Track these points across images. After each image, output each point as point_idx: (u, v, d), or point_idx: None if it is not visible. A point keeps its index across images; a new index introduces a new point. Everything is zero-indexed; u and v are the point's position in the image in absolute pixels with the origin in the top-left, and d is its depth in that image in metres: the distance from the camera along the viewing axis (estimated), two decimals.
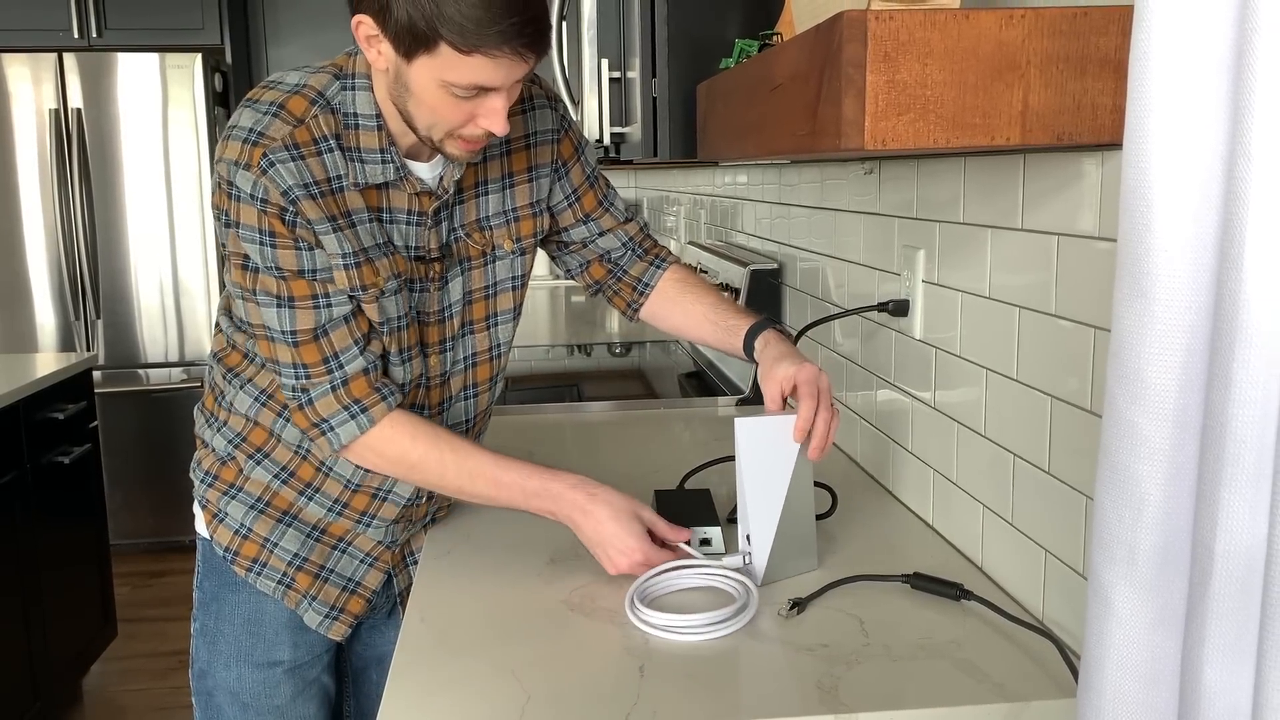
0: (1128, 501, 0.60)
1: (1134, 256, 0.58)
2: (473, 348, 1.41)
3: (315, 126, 1.19)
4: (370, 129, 1.22)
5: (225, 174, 1.18)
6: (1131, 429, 0.59)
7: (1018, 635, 1.13)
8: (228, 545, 1.38)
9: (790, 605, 1.19)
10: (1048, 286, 1.12)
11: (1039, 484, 1.16)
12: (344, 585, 1.42)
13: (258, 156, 1.16)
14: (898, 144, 0.93)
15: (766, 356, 1.33)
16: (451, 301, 1.35)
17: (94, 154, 4.12)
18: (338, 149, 1.20)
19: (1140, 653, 0.60)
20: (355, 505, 1.39)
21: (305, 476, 1.37)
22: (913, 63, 0.92)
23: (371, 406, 1.25)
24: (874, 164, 1.64)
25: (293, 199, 1.17)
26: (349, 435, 1.25)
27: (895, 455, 1.59)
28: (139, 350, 4.25)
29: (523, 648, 1.13)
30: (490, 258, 1.37)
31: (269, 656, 1.41)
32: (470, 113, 1.15)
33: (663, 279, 1.50)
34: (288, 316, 1.22)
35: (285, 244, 1.19)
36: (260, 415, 1.35)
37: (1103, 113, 0.95)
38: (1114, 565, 0.61)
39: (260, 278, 1.21)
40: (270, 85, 1.22)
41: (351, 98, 1.21)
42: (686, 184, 3.45)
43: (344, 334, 1.24)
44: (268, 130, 1.17)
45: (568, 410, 2.23)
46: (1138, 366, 0.59)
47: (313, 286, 1.21)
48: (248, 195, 1.17)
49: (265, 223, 1.18)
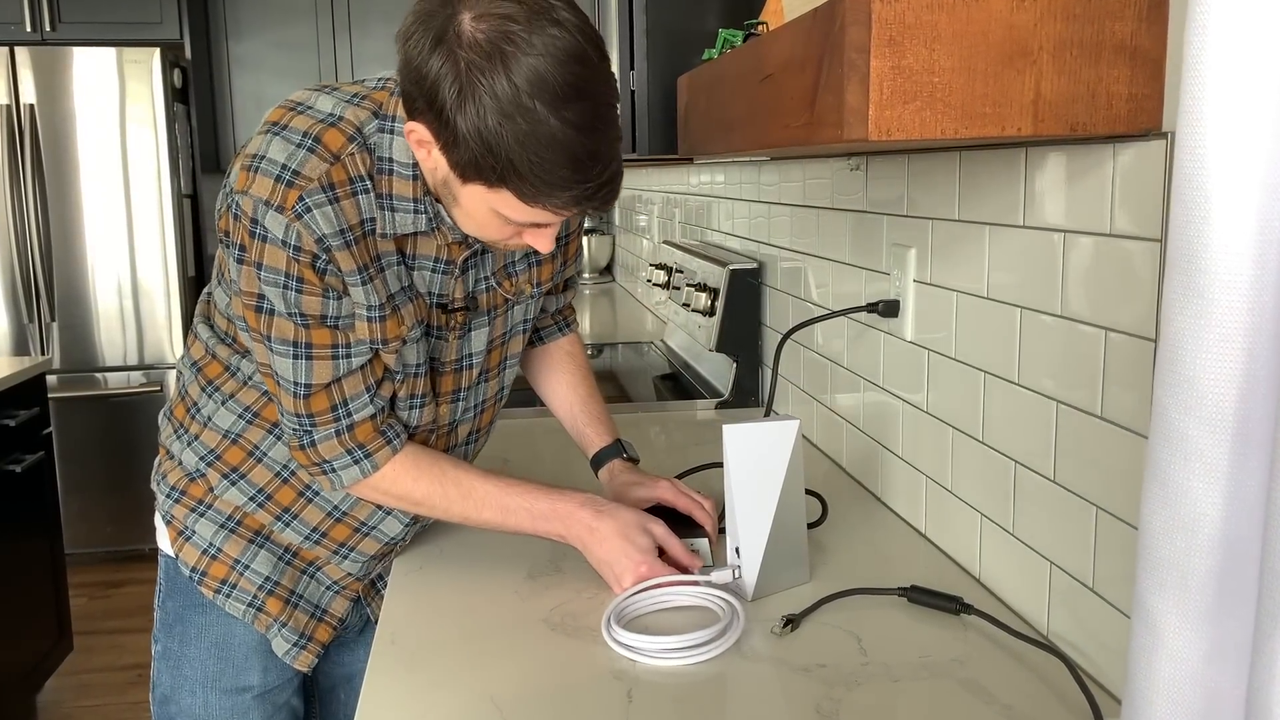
0: (1180, 522, 0.54)
1: (1188, 253, 0.53)
2: (484, 395, 1.35)
3: (351, 165, 1.09)
4: (405, 178, 1.11)
5: (249, 210, 1.06)
6: (1184, 441, 0.54)
7: (1022, 652, 1.08)
8: (195, 565, 1.30)
9: (783, 622, 1.13)
10: (1053, 286, 1.07)
11: (1043, 492, 1.11)
12: (312, 612, 1.34)
13: (293, 200, 1.05)
14: (903, 134, 0.87)
15: (615, 486, 1.40)
16: (474, 351, 1.29)
17: (48, 151, 3.99)
18: (372, 190, 1.10)
19: (1194, 690, 0.55)
20: (334, 535, 1.31)
21: (284, 501, 1.29)
22: (919, 48, 0.86)
23: (375, 452, 1.19)
24: (860, 160, 1.58)
25: (326, 248, 1.07)
26: (351, 479, 1.20)
27: (885, 461, 1.53)
28: (96, 353, 4.13)
29: (501, 671, 1.06)
30: (511, 304, 1.31)
31: (237, 682, 1.32)
32: (517, 232, 1.09)
33: (557, 341, 1.53)
34: (304, 369, 1.13)
35: (313, 291, 1.10)
36: (247, 432, 1.27)
37: (1118, 102, 0.89)
38: (1163, 592, 0.56)
39: (276, 321, 1.12)
40: (298, 109, 1.11)
41: (389, 142, 1.10)
42: (659, 182, 3.39)
43: (356, 380, 1.16)
44: (303, 169, 1.06)
45: (537, 414, 2.15)
46: (1192, 374, 0.53)
47: (334, 335, 1.13)
48: (278, 240, 1.06)
49: (295, 270, 1.08)
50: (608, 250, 4.54)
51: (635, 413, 2.20)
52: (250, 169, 1.07)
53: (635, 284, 3.93)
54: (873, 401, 1.57)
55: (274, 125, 1.10)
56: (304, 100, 1.12)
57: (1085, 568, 1.04)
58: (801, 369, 1.91)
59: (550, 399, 1.52)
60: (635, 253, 3.97)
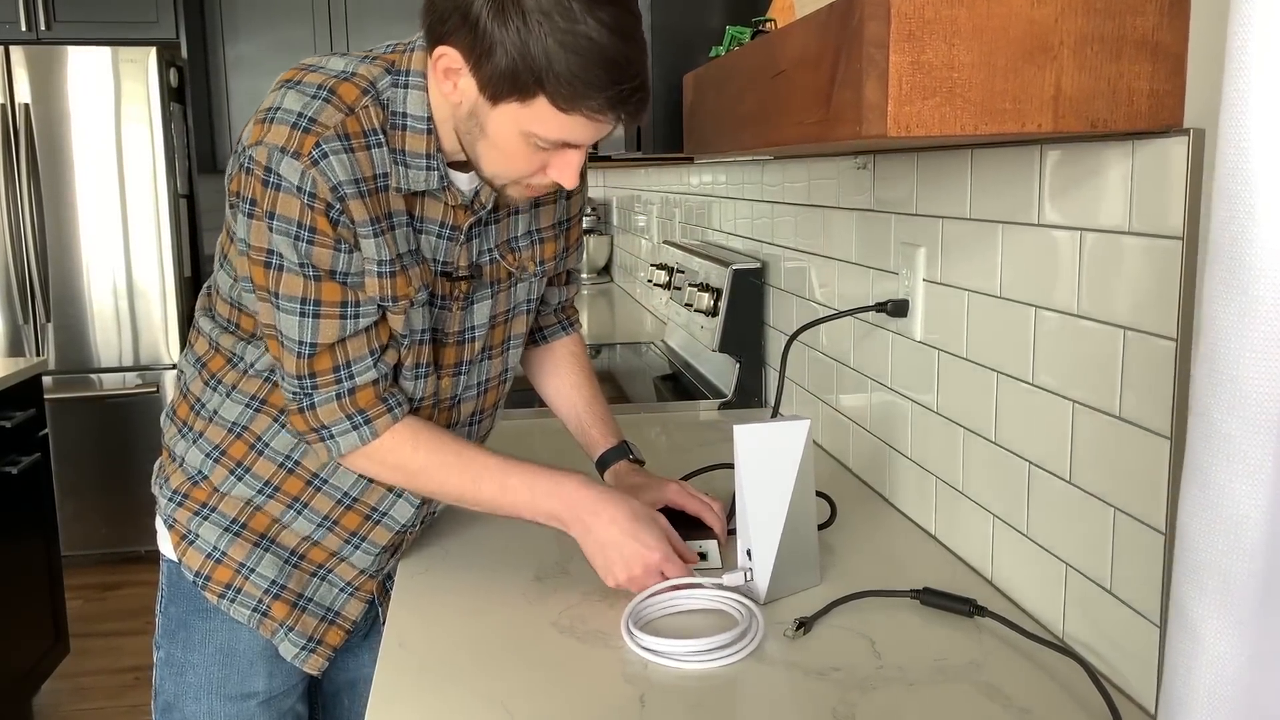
0: (1222, 525, 0.53)
1: (1231, 249, 0.52)
2: (488, 373, 1.34)
3: (366, 118, 1.09)
4: (419, 132, 1.12)
5: (264, 159, 1.06)
6: (1226, 442, 0.53)
7: (1038, 655, 1.06)
8: (198, 570, 1.28)
9: (796, 625, 1.11)
10: (1069, 285, 1.05)
11: (1058, 494, 1.10)
12: (322, 615, 1.32)
13: (309, 145, 1.06)
14: (923, 130, 0.86)
15: (621, 486, 1.38)
16: (476, 324, 1.28)
17: (43, 151, 3.97)
18: (385, 145, 1.11)
19: (1235, 696, 0.53)
20: (346, 524, 1.29)
21: (292, 491, 1.27)
22: (939, 43, 0.85)
23: (376, 418, 1.17)
24: (868, 158, 1.57)
25: (341, 196, 1.07)
26: (349, 445, 1.17)
27: (893, 461, 1.52)
28: (91, 354, 4.10)
29: (511, 676, 1.05)
30: (514, 280, 1.31)
31: (243, 688, 1.31)
32: (543, 163, 1.10)
33: (561, 340, 1.52)
34: (310, 327, 1.12)
35: (325, 242, 1.09)
36: (253, 422, 1.25)
37: (1139, 98, 0.88)
38: (1204, 596, 0.54)
39: (286, 277, 1.10)
40: (310, 68, 1.12)
41: (403, 96, 1.11)
42: (659, 183, 3.38)
43: (361, 342, 1.15)
44: (319, 116, 1.07)
45: (535, 415, 2.14)
46: (1235, 372, 0.52)
47: (344, 292, 1.12)
48: (293, 186, 1.06)
49: (309, 218, 1.07)
50: (605, 251, 4.53)
51: (636, 413, 2.19)
52: (265, 121, 1.08)
53: (634, 284, 3.91)
54: (880, 402, 1.56)
55: (288, 82, 1.10)
56: (315, 62, 1.13)
57: (1103, 570, 1.03)
58: (806, 369, 1.90)
59: (554, 400, 1.51)
60: (633, 253, 3.95)
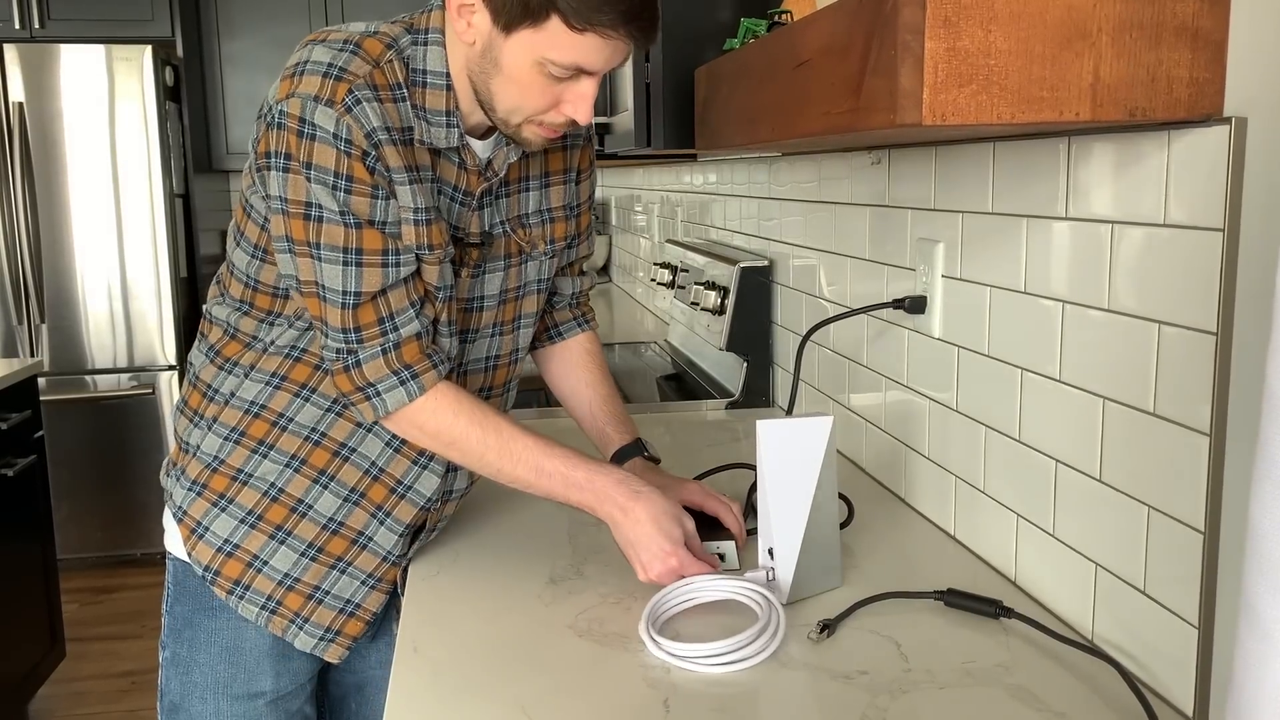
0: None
1: None
2: (497, 349, 1.33)
3: (390, 71, 1.12)
4: (438, 89, 1.14)
5: (297, 110, 1.07)
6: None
7: (1067, 657, 1.04)
8: (208, 564, 1.25)
9: (820, 627, 1.09)
10: (1100, 280, 1.03)
11: (1088, 493, 1.07)
12: (341, 607, 1.29)
13: (343, 92, 1.07)
14: (959, 119, 0.83)
15: None
16: (486, 295, 1.28)
17: (37, 150, 3.93)
18: (408, 100, 1.13)
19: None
20: (373, 496, 1.27)
21: (319, 464, 1.24)
22: (975, 29, 0.83)
23: (423, 373, 1.16)
24: (882, 153, 1.55)
25: (375, 142, 1.09)
26: (396, 402, 1.16)
27: (910, 461, 1.50)
28: (86, 356, 4.07)
29: (531, 681, 1.02)
30: (526, 257, 1.31)
31: (250, 688, 1.28)
32: (557, 97, 1.11)
33: (577, 337, 1.50)
34: (354, 276, 1.12)
35: (363, 190, 1.10)
36: (273, 400, 1.23)
37: (1179, 86, 0.86)
38: (1277, 596, 0.52)
39: (326, 228, 1.10)
40: (335, 29, 1.14)
41: (423, 53, 1.14)
42: (659, 182, 3.35)
43: (401, 294, 1.15)
44: (349, 66, 1.09)
45: (538, 416, 2.11)
46: None
47: (385, 240, 1.12)
48: (329, 134, 1.07)
49: (346, 165, 1.08)
50: (604, 250, 4.50)
51: (640, 413, 2.16)
52: (294, 74, 1.09)
53: (633, 284, 3.89)
54: (896, 400, 1.53)
55: (312, 40, 1.12)
56: (337, 27, 1.15)
57: (1135, 569, 1.00)
58: (817, 368, 1.88)
59: (569, 397, 1.49)
60: (633, 252, 3.93)
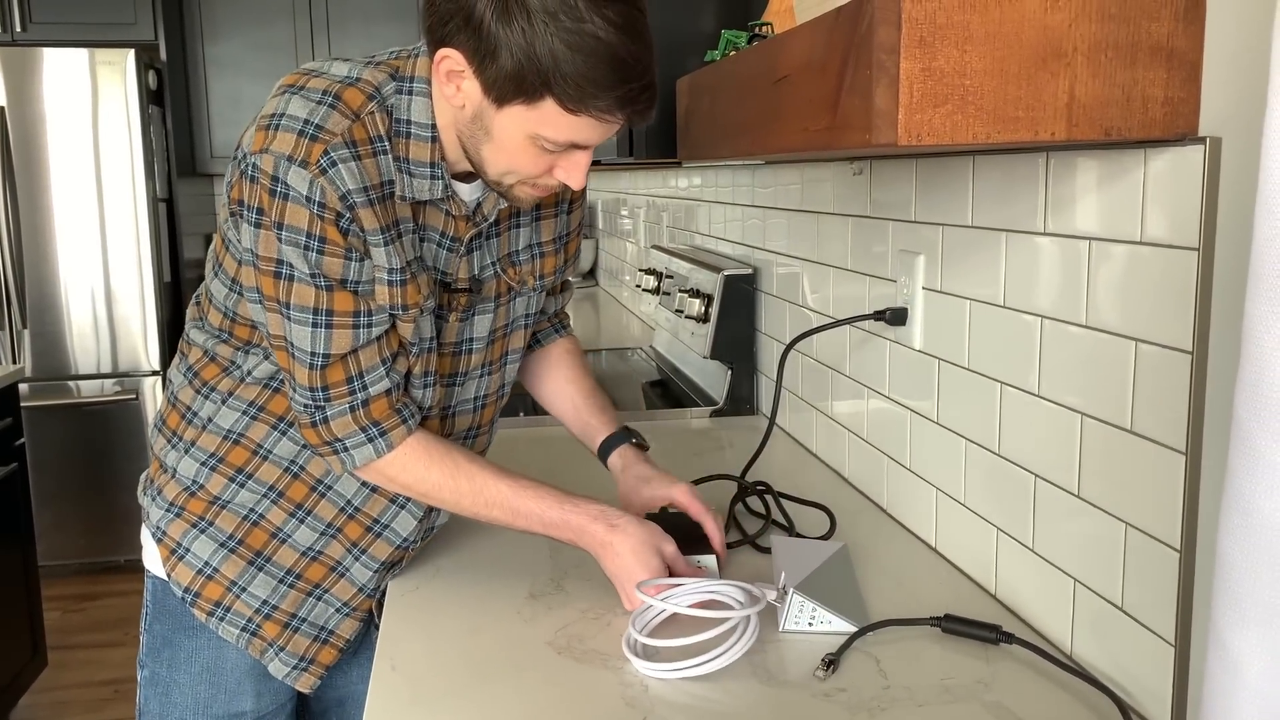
0: (1267, 556, 0.51)
1: (1276, 268, 0.49)
2: (485, 388, 1.31)
3: (371, 124, 1.07)
4: (423, 140, 1.10)
5: (270, 168, 1.04)
6: (1272, 470, 0.50)
7: (1053, 676, 1.04)
8: (188, 585, 1.24)
9: (825, 664, 1.05)
10: (1078, 295, 1.03)
11: (1065, 508, 1.08)
12: (315, 635, 1.28)
13: (317, 153, 1.03)
14: (934, 139, 0.83)
15: (629, 477, 1.36)
16: (475, 337, 1.26)
17: (19, 154, 3.90)
18: (389, 152, 1.09)
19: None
20: (348, 533, 1.26)
21: (296, 497, 1.23)
22: (950, 49, 0.83)
23: (391, 430, 1.15)
24: (864, 164, 1.55)
25: (350, 204, 1.05)
26: (364, 458, 1.15)
27: (891, 472, 1.50)
28: (69, 361, 4.04)
29: (509, 699, 1.02)
30: (514, 294, 1.29)
31: (230, 708, 1.27)
32: (550, 164, 1.07)
33: (554, 343, 1.49)
34: (323, 338, 1.09)
35: (335, 251, 1.07)
36: (250, 429, 1.21)
37: (1153, 105, 0.86)
38: (1246, 628, 0.52)
39: (296, 287, 1.08)
40: (313, 73, 1.10)
41: (407, 103, 1.09)
42: (645, 186, 3.35)
43: (373, 352, 1.13)
44: (326, 123, 1.05)
45: (523, 425, 2.11)
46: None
47: (356, 301, 1.10)
48: (301, 196, 1.04)
49: (319, 228, 1.05)
50: (590, 254, 4.50)
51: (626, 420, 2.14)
52: (269, 127, 1.05)
53: (619, 289, 3.88)
54: (877, 410, 1.53)
55: (290, 86, 1.08)
56: (318, 66, 1.11)
57: (1113, 586, 1.00)
58: (800, 376, 1.87)
59: (551, 397, 1.48)
60: (619, 257, 3.92)
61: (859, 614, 1.15)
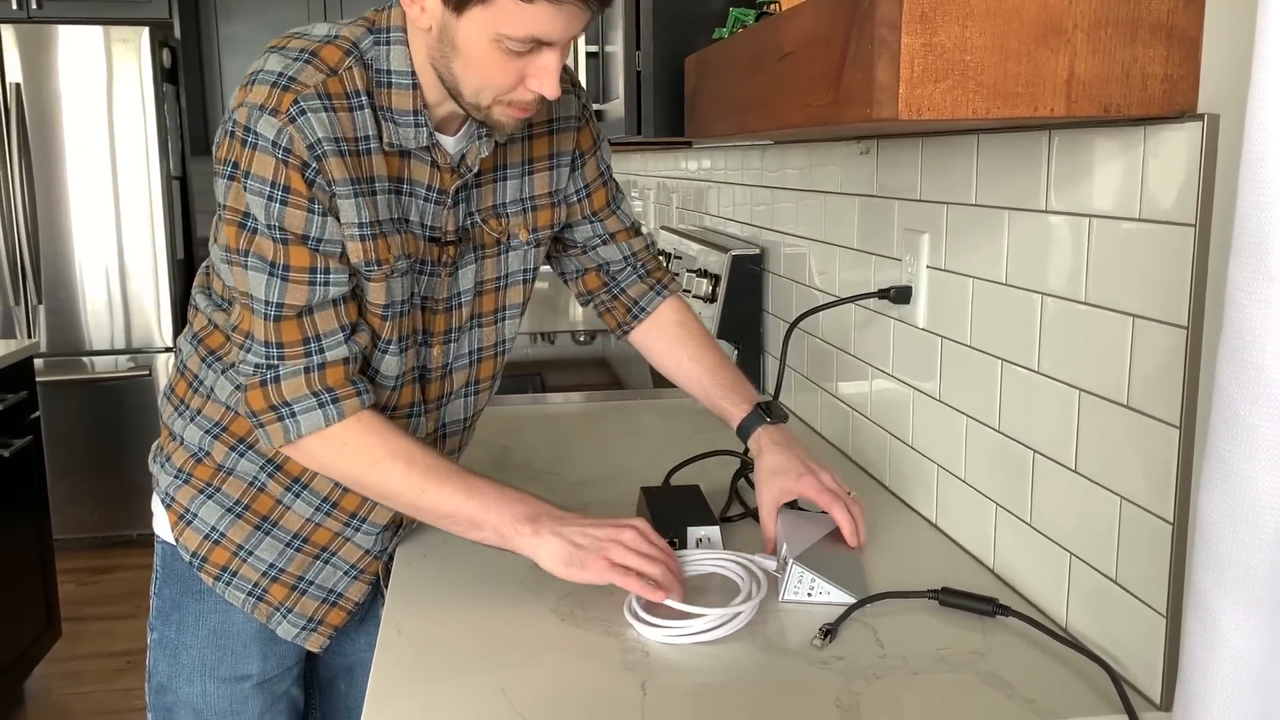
0: (1244, 515, 0.52)
1: (1257, 235, 0.51)
2: (479, 342, 1.32)
3: (349, 79, 1.10)
4: (404, 88, 1.12)
5: (244, 119, 1.06)
6: (1250, 432, 0.52)
7: (1047, 647, 1.06)
8: (195, 550, 1.26)
9: (823, 633, 1.07)
10: (1077, 272, 1.04)
11: (1063, 482, 1.09)
12: (324, 597, 1.31)
13: (287, 102, 1.05)
14: (934, 114, 0.84)
15: (762, 470, 1.29)
16: (462, 290, 1.27)
17: (34, 131, 3.93)
18: (369, 107, 1.11)
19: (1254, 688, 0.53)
20: (345, 505, 1.28)
21: (293, 471, 1.25)
22: (951, 24, 0.83)
23: (345, 399, 1.13)
24: (870, 143, 1.56)
25: (318, 154, 1.07)
26: (311, 425, 1.12)
27: (894, 450, 1.51)
28: (83, 337, 4.08)
29: (512, 664, 1.04)
30: (505, 247, 1.29)
31: (236, 670, 1.30)
32: (521, 73, 1.07)
33: (661, 309, 1.44)
34: (278, 288, 1.10)
35: (298, 203, 1.08)
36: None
37: (1153, 83, 0.87)
38: (1224, 588, 0.54)
39: (257, 239, 1.09)
40: (296, 35, 1.13)
41: (385, 53, 1.12)
42: (655, 168, 3.36)
43: (330, 317, 1.13)
44: (299, 76, 1.07)
45: (531, 402, 2.13)
46: (1259, 359, 0.51)
47: (313, 258, 1.10)
48: (268, 142, 1.05)
49: (282, 176, 1.06)
50: None
51: (631, 399, 2.18)
52: (247, 84, 1.08)
53: None
54: (881, 389, 1.55)
55: (272, 47, 1.11)
56: (300, 29, 1.14)
57: (1108, 559, 1.02)
58: (805, 356, 1.89)
59: (678, 378, 1.43)
60: None
61: (858, 586, 1.17)
